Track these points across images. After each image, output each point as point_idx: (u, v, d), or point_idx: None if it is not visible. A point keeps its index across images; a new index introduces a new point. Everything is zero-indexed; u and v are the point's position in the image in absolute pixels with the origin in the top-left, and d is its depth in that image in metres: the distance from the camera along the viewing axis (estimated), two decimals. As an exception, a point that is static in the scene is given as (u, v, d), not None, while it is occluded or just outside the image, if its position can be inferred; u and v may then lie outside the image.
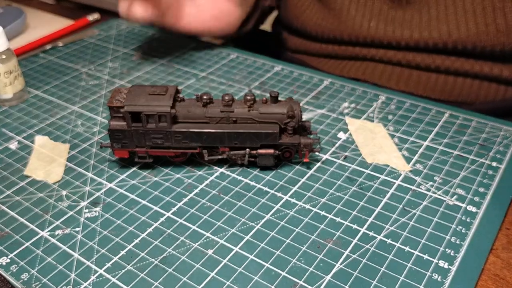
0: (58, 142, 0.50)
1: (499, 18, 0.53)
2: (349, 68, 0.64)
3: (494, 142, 0.47)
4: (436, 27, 0.56)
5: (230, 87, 0.59)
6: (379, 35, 0.60)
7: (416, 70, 0.60)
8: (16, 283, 0.35)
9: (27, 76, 0.63)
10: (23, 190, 0.44)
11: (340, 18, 0.62)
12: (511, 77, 0.56)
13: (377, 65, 0.63)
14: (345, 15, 0.62)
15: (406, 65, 0.60)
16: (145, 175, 0.45)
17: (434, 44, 0.57)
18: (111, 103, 0.42)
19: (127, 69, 0.64)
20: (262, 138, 0.43)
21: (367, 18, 0.61)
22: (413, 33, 0.58)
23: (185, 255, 0.37)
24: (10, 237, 0.39)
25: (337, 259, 0.36)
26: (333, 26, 0.63)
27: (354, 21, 0.61)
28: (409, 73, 0.60)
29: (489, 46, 0.55)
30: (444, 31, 0.56)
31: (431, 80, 0.60)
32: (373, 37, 0.60)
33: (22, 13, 0.77)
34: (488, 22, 0.54)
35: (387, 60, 0.61)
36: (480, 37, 0.54)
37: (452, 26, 0.55)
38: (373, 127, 0.50)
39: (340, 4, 0.62)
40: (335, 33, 0.63)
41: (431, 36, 0.56)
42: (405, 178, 0.43)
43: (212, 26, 0.64)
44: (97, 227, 0.39)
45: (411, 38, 0.58)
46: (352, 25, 0.62)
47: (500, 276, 0.35)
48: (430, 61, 0.58)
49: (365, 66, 0.63)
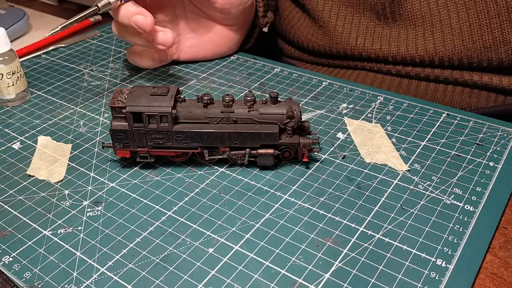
0: (60, 142, 0.50)
1: (485, 34, 0.53)
2: (341, 76, 0.65)
3: (491, 142, 0.47)
4: (422, 44, 0.56)
5: (230, 87, 0.60)
6: (367, 51, 0.61)
7: (407, 78, 0.61)
8: (19, 282, 0.35)
9: (30, 77, 0.64)
10: (26, 190, 0.44)
11: (328, 35, 0.63)
12: (500, 85, 0.56)
13: (368, 74, 0.63)
14: (332, 32, 0.63)
15: (397, 74, 0.61)
16: (146, 174, 0.45)
17: (421, 60, 0.57)
18: (113, 104, 0.43)
19: (128, 70, 0.65)
20: (262, 138, 0.43)
21: (354, 35, 0.61)
22: (399, 49, 0.58)
23: (186, 254, 0.37)
24: (13, 236, 0.39)
25: (336, 258, 0.36)
26: (322, 42, 0.64)
27: (341, 38, 0.62)
28: (400, 81, 0.61)
29: (476, 61, 0.55)
30: (430, 48, 0.56)
31: (422, 87, 0.60)
32: (361, 53, 0.61)
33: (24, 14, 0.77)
34: (475, 39, 0.54)
35: (377, 70, 0.62)
36: (467, 53, 0.55)
37: (438, 43, 0.56)
38: (371, 127, 0.51)
39: (328, 22, 0.63)
40: (325, 48, 0.64)
41: (417, 53, 0.57)
42: (403, 177, 0.44)
43: (216, 52, 0.65)
44: (99, 226, 0.40)
45: (398, 54, 0.58)
46: (341, 42, 0.62)
47: (497, 274, 0.35)
48: (420, 71, 0.59)
49: (356, 74, 0.64)
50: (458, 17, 0.54)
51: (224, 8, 0.58)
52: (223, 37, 0.64)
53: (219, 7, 0.58)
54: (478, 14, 0.53)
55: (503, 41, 0.53)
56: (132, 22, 0.49)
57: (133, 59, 0.58)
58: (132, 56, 0.58)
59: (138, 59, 0.57)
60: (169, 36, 0.51)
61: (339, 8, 0.62)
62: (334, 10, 0.62)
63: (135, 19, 0.49)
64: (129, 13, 0.50)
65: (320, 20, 0.64)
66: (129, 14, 0.50)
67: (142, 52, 0.57)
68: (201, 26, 0.62)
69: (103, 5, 0.49)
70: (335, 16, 0.62)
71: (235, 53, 0.68)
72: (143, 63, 0.58)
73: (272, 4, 0.73)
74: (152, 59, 0.56)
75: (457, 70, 0.57)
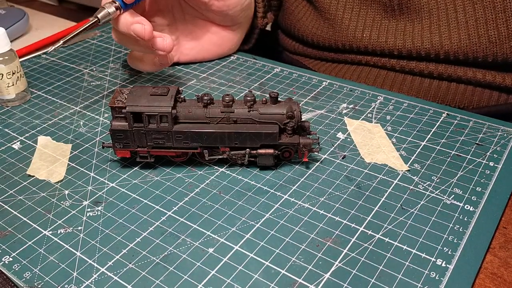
0: (60, 142, 0.50)
1: (491, 29, 0.54)
2: (344, 71, 0.65)
3: (491, 142, 0.47)
4: (428, 37, 0.57)
5: (230, 87, 0.60)
6: (372, 44, 0.61)
7: (410, 75, 0.61)
8: (19, 282, 0.35)
9: (30, 77, 0.64)
10: (26, 190, 0.44)
11: (334, 28, 0.63)
12: (504, 84, 0.56)
13: (372, 70, 0.63)
14: (339, 25, 0.63)
15: (400, 71, 0.61)
16: (146, 174, 0.45)
17: (426, 53, 0.57)
18: (113, 104, 0.43)
19: (128, 70, 0.65)
20: (262, 138, 0.43)
21: (360, 28, 0.61)
22: (405, 42, 0.58)
23: (186, 254, 0.37)
24: (13, 236, 0.39)
25: (336, 258, 0.36)
26: (328, 35, 0.64)
27: (348, 30, 0.62)
28: (403, 78, 0.61)
29: (481, 56, 0.55)
30: (436, 41, 0.56)
31: (425, 85, 0.60)
32: (367, 46, 0.61)
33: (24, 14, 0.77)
34: (481, 34, 0.54)
35: (381, 66, 0.62)
36: (472, 47, 0.55)
37: (444, 37, 0.56)
38: (371, 127, 0.51)
39: (334, 14, 0.63)
40: (330, 41, 0.64)
41: (423, 46, 0.57)
42: (403, 177, 0.44)
43: (215, 53, 0.66)
44: (99, 226, 0.40)
45: (404, 47, 0.58)
46: (346, 35, 0.62)
47: (497, 274, 0.35)
48: (423, 67, 0.59)
49: (360, 70, 0.64)
50: (464, 11, 0.55)
51: (221, 10, 0.58)
52: (222, 38, 0.64)
53: (216, 10, 0.58)
54: (485, 9, 0.53)
55: (508, 36, 0.53)
56: (131, 31, 0.50)
57: (134, 64, 0.59)
58: (133, 61, 0.58)
59: (139, 64, 0.58)
60: (168, 41, 0.52)
61: (346, 1, 0.62)
62: (341, 2, 0.63)
63: (134, 28, 0.50)
64: (128, 22, 0.50)
65: (327, 13, 0.64)
66: (128, 23, 0.50)
67: (143, 57, 0.57)
68: (199, 28, 0.63)
69: (103, 16, 0.50)
70: (342, 8, 0.62)
71: (235, 53, 0.68)
72: (144, 68, 0.58)
73: (274, 4, 0.73)
74: (153, 64, 0.56)
75: (461, 67, 0.58)
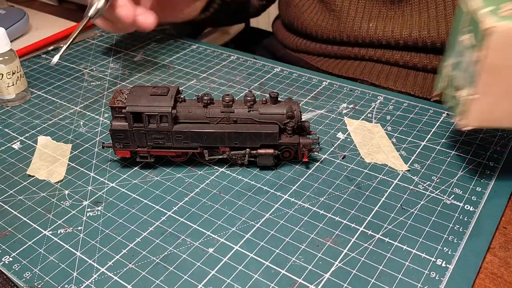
0: (60, 142, 0.50)
1: None
2: (347, 67, 0.65)
3: (491, 142, 0.47)
4: (435, 26, 0.57)
5: (230, 87, 0.60)
6: (378, 35, 0.61)
7: (414, 70, 0.61)
8: (19, 282, 0.35)
9: (30, 77, 0.64)
10: (26, 190, 0.44)
11: (340, 19, 0.63)
12: None
13: (375, 65, 0.63)
14: (345, 16, 0.63)
15: (404, 66, 0.61)
16: (146, 174, 0.45)
17: (432, 43, 0.57)
18: (113, 104, 0.43)
19: (128, 70, 0.65)
20: (262, 138, 0.43)
21: (366, 19, 0.61)
22: (411, 32, 0.58)
23: (186, 254, 0.37)
24: (13, 236, 0.39)
25: (336, 258, 0.36)
26: (333, 27, 0.64)
27: (353, 22, 0.62)
28: (407, 73, 0.61)
29: None
30: (443, 30, 0.56)
31: (428, 80, 0.60)
32: (372, 37, 0.61)
33: (24, 14, 0.77)
34: None
35: (385, 60, 0.62)
36: None
37: (450, 26, 0.56)
38: (371, 127, 0.51)
39: (340, 6, 0.63)
40: (334, 33, 0.64)
41: (429, 35, 0.57)
42: (403, 177, 0.44)
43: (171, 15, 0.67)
44: (99, 226, 0.40)
45: (410, 37, 0.58)
46: (352, 26, 0.62)
47: (497, 274, 0.35)
48: (427, 62, 0.59)
49: (363, 65, 0.64)
50: None
51: None
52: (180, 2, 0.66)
53: None
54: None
55: None
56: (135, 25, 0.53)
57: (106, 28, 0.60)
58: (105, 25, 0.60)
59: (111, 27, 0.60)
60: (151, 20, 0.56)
61: None
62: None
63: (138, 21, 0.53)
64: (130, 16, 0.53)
65: (333, 5, 0.64)
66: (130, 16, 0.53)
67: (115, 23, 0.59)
68: None
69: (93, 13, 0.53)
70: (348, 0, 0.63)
71: (235, 53, 0.68)
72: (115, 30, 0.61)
73: None
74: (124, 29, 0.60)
75: None
